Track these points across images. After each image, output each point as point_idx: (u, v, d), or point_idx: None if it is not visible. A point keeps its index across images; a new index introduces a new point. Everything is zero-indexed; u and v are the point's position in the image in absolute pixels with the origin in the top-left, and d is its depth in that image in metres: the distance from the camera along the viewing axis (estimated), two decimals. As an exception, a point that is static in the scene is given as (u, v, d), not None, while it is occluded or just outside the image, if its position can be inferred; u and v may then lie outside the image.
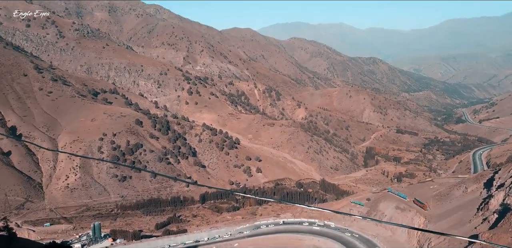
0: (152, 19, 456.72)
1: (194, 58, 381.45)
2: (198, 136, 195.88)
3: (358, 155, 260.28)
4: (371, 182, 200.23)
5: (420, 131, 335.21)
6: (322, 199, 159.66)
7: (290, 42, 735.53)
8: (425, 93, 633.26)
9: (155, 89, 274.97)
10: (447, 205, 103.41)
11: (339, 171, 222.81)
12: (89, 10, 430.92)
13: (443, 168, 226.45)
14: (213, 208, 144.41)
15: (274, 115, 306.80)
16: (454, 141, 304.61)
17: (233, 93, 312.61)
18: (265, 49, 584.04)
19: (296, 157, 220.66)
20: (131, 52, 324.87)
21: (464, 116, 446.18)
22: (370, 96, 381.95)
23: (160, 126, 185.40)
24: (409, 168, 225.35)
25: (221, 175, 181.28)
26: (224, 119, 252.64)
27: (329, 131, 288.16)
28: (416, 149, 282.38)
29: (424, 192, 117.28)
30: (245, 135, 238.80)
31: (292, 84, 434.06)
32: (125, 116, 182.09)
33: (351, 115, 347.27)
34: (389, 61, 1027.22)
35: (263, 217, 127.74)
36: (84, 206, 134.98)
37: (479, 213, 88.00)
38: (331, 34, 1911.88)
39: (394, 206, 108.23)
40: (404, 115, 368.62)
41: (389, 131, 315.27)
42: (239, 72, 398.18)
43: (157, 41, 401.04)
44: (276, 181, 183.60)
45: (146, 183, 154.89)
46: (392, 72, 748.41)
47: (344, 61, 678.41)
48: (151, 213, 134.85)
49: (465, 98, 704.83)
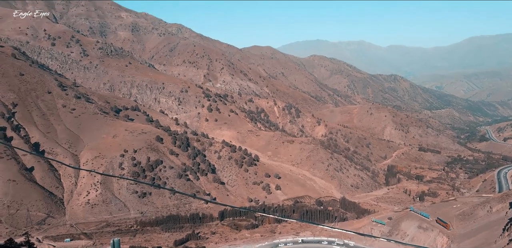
0: (173, 38, 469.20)
1: (214, 76, 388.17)
2: (218, 153, 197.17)
3: (379, 173, 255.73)
4: (392, 201, 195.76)
5: (443, 149, 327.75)
6: (343, 217, 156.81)
7: (310, 60, 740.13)
8: (447, 110, 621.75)
9: (175, 106, 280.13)
10: (471, 225, 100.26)
11: (359, 189, 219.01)
12: (113, 29, 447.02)
13: (467, 187, 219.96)
14: (232, 226, 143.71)
15: (294, 132, 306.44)
16: (477, 159, 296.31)
17: (252, 110, 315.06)
18: (284, 67, 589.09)
19: (316, 175, 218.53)
20: (153, 70, 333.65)
21: (487, 134, 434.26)
22: (391, 113, 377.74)
23: (180, 142, 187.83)
24: (431, 187, 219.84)
25: (240, 192, 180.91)
26: (244, 136, 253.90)
27: (349, 148, 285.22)
28: (439, 167, 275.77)
29: (447, 211, 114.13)
30: (265, 152, 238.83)
31: (312, 101, 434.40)
32: (146, 132, 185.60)
33: (372, 133, 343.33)
34: (410, 78, 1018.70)
35: (282, 235, 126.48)
36: (104, 222, 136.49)
37: (505, 233, 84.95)
38: (351, 52, 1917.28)
39: (416, 225, 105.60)
40: (426, 132, 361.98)
41: (411, 149, 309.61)
42: (259, 90, 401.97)
43: (179, 59, 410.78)
44: (296, 199, 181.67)
45: (165, 200, 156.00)
46: (413, 90, 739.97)
47: (364, 79, 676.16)
48: (170, 229, 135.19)
49: (489, 116, 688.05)
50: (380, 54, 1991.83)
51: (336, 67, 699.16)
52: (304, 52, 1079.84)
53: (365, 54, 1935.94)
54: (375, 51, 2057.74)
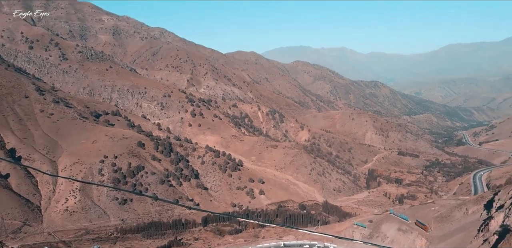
0: (156, 42, 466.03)
1: (198, 81, 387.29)
2: (201, 158, 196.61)
3: (360, 177, 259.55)
4: (373, 204, 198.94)
5: (421, 153, 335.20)
6: (325, 221, 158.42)
7: (294, 65, 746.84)
8: (426, 116, 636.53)
9: (158, 111, 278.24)
10: (448, 227, 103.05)
11: (341, 193, 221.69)
12: (93, 33, 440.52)
13: (444, 189, 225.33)
14: (215, 231, 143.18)
15: (278, 137, 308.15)
16: (454, 163, 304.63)
17: (236, 115, 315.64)
18: (268, 72, 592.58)
19: (299, 179, 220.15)
20: (134, 74, 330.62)
21: (464, 139, 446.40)
22: (372, 118, 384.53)
23: (162, 148, 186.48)
24: (410, 190, 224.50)
25: (224, 197, 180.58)
26: (227, 141, 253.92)
27: (332, 153, 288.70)
28: (418, 171, 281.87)
29: (426, 213, 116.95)
30: (248, 157, 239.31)
31: (296, 107, 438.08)
32: (127, 138, 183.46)
33: (354, 137, 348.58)
34: (390, 84, 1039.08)
35: (265, 239, 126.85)
36: (83, 230, 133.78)
37: (479, 234, 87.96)
38: (333, 58, 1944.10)
39: (396, 227, 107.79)
40: (406, 137, 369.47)
41: (391, 153, 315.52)
42: (243, 95, 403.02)
43: (161, 63, 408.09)
44: (279, 203, 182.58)
45: (147, 206, 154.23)
46: (393, 96, 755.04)
47: (346, 84, 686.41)
48: (152, 236, 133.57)
49: (465, 121, 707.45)
50: (361, 61, 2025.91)
51: (319, 73, 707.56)
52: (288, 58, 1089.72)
53: (347, 60, 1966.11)
54: (356, 58, 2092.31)
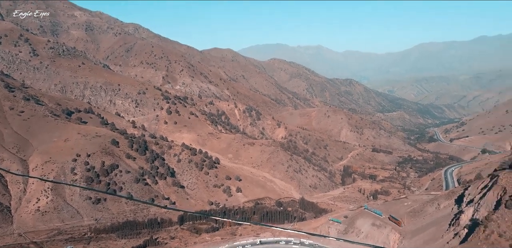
0: (130, 38, 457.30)
1: (173, 78, 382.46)
2: (177, 156, 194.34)
3: (336, 174, 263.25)
4: (348, 200, 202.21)
5: (394, 150, 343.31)
6: (301, 217, 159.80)
7: (270, 63, 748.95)
8: (399, 113, 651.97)
9: (132, 108, 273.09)
10: (421, 221, 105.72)
11: (317, 189, 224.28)
12: (65, 28, 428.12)
13: (417, 185, 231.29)
14: (191, 230, 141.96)
15: (254, 135, 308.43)
16: (426, 159, 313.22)
17: (213, 112, 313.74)
18: (245, 70, 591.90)
19: (276, 176, 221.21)
20: (108, 71, 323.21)
21: (436, 135, 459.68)
22: (347, 116, 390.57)
23: (137, 146, 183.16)
24: (384, 186, 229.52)
25: (201, 195, 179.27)
26: (204, 139, 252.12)
27: (308, 150, 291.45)
28: (391, 167, 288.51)
29: (399, 208, 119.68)
30: (225, 154, 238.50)
31: (272, 104, 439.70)
32: (100, 136, 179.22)
33: (329, 135, 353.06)
34: (365, 82, 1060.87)
35: (243, 237, 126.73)
36: (56, 230, 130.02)
37: (450, 228, 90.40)
38: (309, 56, 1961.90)
39: (370, 223, 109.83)
40: (379, 134, 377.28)
41: (365, 150, 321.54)
42: (220, 92, 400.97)
43: (136, 60, 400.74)
44: (256, 201, 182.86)
45: (121, 205, 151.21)
46: (367, 93, 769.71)
47: (322, 82, 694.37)
48: (127, 236, 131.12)
49: (437, 118, 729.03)
50: (336, 59, 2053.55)
51: (295, 71, 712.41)
52: (264, 56, 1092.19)
53: (323, 58, 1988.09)
54: (332, 56, 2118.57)
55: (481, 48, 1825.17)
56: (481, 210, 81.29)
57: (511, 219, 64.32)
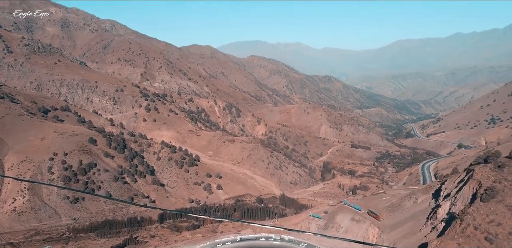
0: (107, 34, 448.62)
1: (152, 75, 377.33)
2: (157, 154, 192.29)
3: (316, 170, 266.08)
4: (328, 195, 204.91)
5: (373, 146, 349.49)
6: (282, 213, 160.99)
7: (250, 60, 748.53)
8: (376, 109, 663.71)
9: (110, 106, 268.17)
10: (399, 216, 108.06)
11: (298, 185, 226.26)
12: (40, 25, 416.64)
13: (395, 180, 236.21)
14: (172, 228, 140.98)
15: (235, 132, 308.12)
16: (404, 154, 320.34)
17: (193, 110, 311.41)
18: (225, 67, 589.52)
19: (257, 173, 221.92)
20: (84, 68, 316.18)
21: (413, 131, 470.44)
22: (326, 112, 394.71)
23: (115, 144, 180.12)
24: (363, 181, 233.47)
25: (181, 193, 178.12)
26: (184, 136, 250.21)
27: (288, 146, 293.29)
28: (369, 162, 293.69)
29: (378, 203, 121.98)
30: (206, 152, 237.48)
31: (252, 101, 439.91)
32: (77, 134, 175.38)
33: (309, 131, 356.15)
34: (343, 79, 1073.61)
35: (224, 234, 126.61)
36: (33, 230, 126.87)
37: (428, 222, 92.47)
38: (289, 53, 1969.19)
39: (350, 218, 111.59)
40: (358, 130, 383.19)
41: (344, 146, 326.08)
42: (199, 89, 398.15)
43: (113, 57, 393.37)
44: (237, 198, 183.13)
45: (100, 204, 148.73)
46: (346, 90, 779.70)
47: (301, 79, 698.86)
48: (106, 235, 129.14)
49: (414, 114, 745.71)
50: (315, 56, 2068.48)
51: (275, 68, 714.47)
52: (244, 52, 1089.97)
53: (302, 55, 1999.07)
54: (311, 53, 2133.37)
55: (456, 45, 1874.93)
56: (457, 203, 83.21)
57: (486, 212, 66.19)
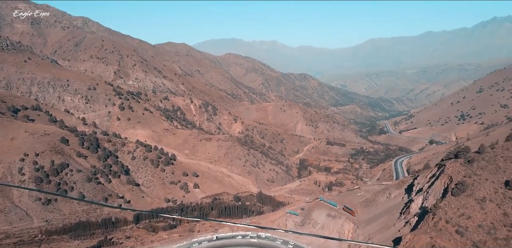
0: (79, 31, 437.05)
1: (126, 73, 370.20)
2: (131, 153, 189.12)
3: (292, 167, 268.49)
4: (304, 192, 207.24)
5: (347, 142, 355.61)
6: (259, 211, 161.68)
7: (226, 58, 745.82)
8: (351, 107, 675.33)
9: (82, 104, 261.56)
10: (373, 211, 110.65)
11: (275, 183, 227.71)
12: (9, 22, 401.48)
13: (369, 176, 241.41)
14: (148, 228, 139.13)
15: (211, 130, 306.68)
16: (377, 151, 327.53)
17: (168, 108, 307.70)
18: (200, 64, 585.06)
19: (234, 171, 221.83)
20: (56, 66, 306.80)
21: (386, 128, 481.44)
22: (302, 110, 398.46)
23: (88, 144, 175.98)
24: (338, 177, 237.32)
25: (157, 192, 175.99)
26: (159, 135, 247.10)
27: (265, 144, 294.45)
28: (344, 159, 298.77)
29: (353, 199, 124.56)
30: (182, 150, 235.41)
31: (228, 99, 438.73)
32: (49, 134, 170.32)
33: (285, 129, 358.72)
34: (319, 77, 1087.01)
35: (201, 233, 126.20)
36: (3, 234, 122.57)
37: (401, 216, 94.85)
38: (265, 51, 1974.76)
39: (325, 214, 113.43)
40: (333, 127, 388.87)
41: (320, 143, 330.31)
42: (175, 87, 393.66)
43: (85, 54, 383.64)
44: (214, 196, 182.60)
45: (73, 206, 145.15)
46: (321, 88, 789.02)
47: (277, 77, 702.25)
48: (80, 237, 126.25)
49: (387, 111, 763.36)
50: (291, 54, 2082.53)
51: (251, 66, 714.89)
52: (220, 50, 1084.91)
53: (277, 53, 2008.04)
54: (286, 51, 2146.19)
55: (428, 43, 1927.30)
56: (429, 198, 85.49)
57: (457, 206, 68.33)
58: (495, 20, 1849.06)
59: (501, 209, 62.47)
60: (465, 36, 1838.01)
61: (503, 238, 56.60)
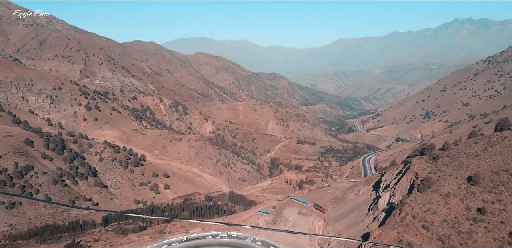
0: (43, 29, 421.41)
1: (92, 72, 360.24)
2: (99, 155, 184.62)
3: (263, 166, 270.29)
4: (276, 191, 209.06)
5: (318, 141, 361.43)
6: (231, 210, 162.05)
7: (196, 57, 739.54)
8: (320, 106, 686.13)
9: (47, 105, 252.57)
10: (343, 207, 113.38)
11: (246, 182, 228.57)
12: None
13: (338, 173, 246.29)
14: (117, 230, 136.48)
15: (182, 130, 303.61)
16: (346, 149, 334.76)
17: (137, 108, 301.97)
18: (170, 63, 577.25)
19: (205, 171, 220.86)
20: (18, 65, 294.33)
21: (354, 126, 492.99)
22: (273, 109, 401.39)
23: (54, 145, 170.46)
24: (309, 176, 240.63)
25: (126, 194, 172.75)
26: (128, 136, 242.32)
27: (236, 144, 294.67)
28: (315, 157, 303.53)
29: (323, 196, 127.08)
30: (152, 151, 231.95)
31: (199, 99, 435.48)
32: (12, 135, 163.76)
33: (257, 128, 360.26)
34: (289, 76, 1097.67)
35: (172, 234, 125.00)
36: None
37: (370, 212, 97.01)
38: (235, 50, 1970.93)
39: (297, 211, 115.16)
40: (303, 126, 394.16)
41: (291, 142, 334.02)
42: (143, 87, 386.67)
43: (50, 53, 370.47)
44: (185, 196, 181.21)
45: (39, 209, 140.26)
46: (291, 87, 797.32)
47: (248, 76, 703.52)
48: (46, 241, 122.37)
49: (355, 110, 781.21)
50: (261, 53, 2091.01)
51: (221, 65, 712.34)
52: (189, 49, 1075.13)
53: (248, 53, 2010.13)
54: (257, 50, 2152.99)
55: (393, 43, 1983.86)
56: (396, 194, 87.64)
57: (423, 202, 70.37)
58: (456, 21, 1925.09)
59: (464, 203, 64.54)
60: (429, 37, 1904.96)
61: (466, 232, 58.61)
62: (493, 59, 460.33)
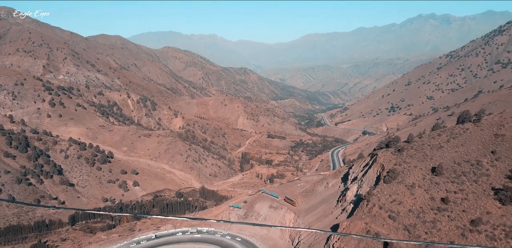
0: (3, 23, 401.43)
1: (56, 67, 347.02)
2: (64, 152, 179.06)
3: (234, 161, 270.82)
4: (247, 185, 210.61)
5: (288, 135, 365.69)
6: (203, 206, 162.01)
7: (164, 51, 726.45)
8: (290, 100, 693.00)
9: (9, 101, 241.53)
10: (312, 200, 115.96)
11: (217, 177, 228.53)
12: None
13: (308, 167, 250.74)
14: (85, 229, 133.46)
15: (151, 126, 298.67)
16: (316, 142, 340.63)
17: (103, 103, 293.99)
18: (137, 58, 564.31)
19: (175, 167, 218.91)
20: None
21: (323, 120, 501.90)
22: (243, 104, 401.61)
23: (16, 143, 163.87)
24: (279, 170, 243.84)
25: (93, 192, 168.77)
26: (95, 132, 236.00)
27: (206, 139, 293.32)
28: (285, 151, 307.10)
29: (293, 190, 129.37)
30: (119, 148, 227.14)
31: (168, 94, 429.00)
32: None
33: (227, 123, 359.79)
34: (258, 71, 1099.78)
35: (142, 232, 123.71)
36: None
37: (338, 204, 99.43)
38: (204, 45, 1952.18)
39: (268, 205, 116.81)
40: (273, 121, 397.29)
41: (261, 137, 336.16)
42: (110, 82, 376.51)
43: (11, 47, 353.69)
44: (155, 193, 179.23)
45: (2, 209, 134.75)
46: (261, 82, 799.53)
47: (217, 71, 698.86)
48: (11, 242, 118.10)
49: (323, 104, 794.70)
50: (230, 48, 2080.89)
51: (190, 60, 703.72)
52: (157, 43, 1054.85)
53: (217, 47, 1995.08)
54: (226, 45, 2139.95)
55: (360, 38, 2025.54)
56: (363, 186, 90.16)
57: (389, 193, 72.61)
58: (420, 17, 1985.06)
59: (429, 194, 66.93)
60: (394, 32, 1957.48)
61: (431, 221, 61.03)
62: (454, 53, 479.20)
